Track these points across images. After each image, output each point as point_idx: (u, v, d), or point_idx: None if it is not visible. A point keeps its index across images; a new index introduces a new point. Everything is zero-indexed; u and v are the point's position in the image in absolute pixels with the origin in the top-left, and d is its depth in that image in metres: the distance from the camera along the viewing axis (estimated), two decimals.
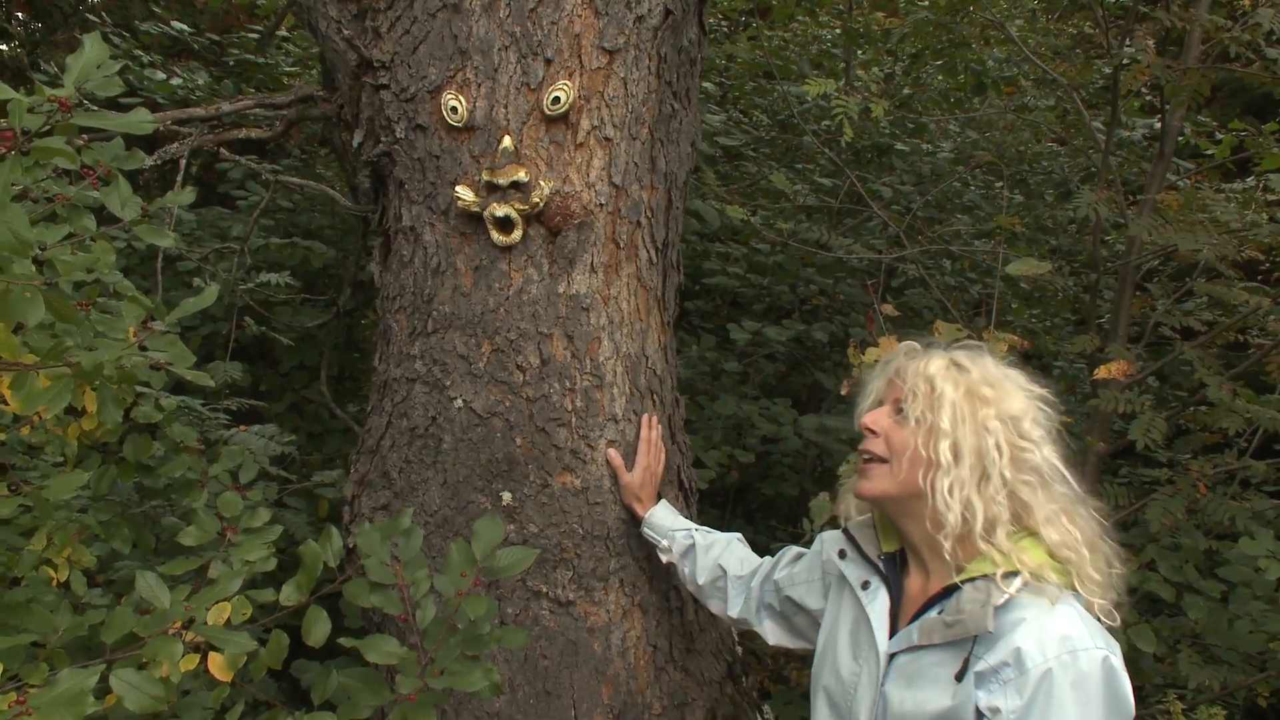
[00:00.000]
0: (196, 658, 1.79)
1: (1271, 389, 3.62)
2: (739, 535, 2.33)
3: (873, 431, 1.80)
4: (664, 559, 2.34)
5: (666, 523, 2.34)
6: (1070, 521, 1.68)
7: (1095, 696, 1.54)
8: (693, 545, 2.28)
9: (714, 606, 2.28)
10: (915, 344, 1.86)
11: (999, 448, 1.68)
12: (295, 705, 1.88)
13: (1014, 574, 1.63)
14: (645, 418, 2.42)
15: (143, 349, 1.55)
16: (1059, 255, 5.17)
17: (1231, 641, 2.98)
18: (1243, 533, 2.94)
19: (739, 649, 2.75)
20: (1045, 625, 1.57)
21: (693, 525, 2.34)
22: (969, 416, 1.70)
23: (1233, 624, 2.99)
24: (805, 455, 4.27)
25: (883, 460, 1.79)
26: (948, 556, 1.71)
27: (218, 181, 5.40)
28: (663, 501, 2.39)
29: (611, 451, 2.36)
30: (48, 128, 1.21)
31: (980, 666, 1.59)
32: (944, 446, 1.70)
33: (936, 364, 1.76)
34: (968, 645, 1.63)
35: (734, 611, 2.22)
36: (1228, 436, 4.17)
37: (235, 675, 1.85)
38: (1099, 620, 1.64)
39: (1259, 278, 4.60)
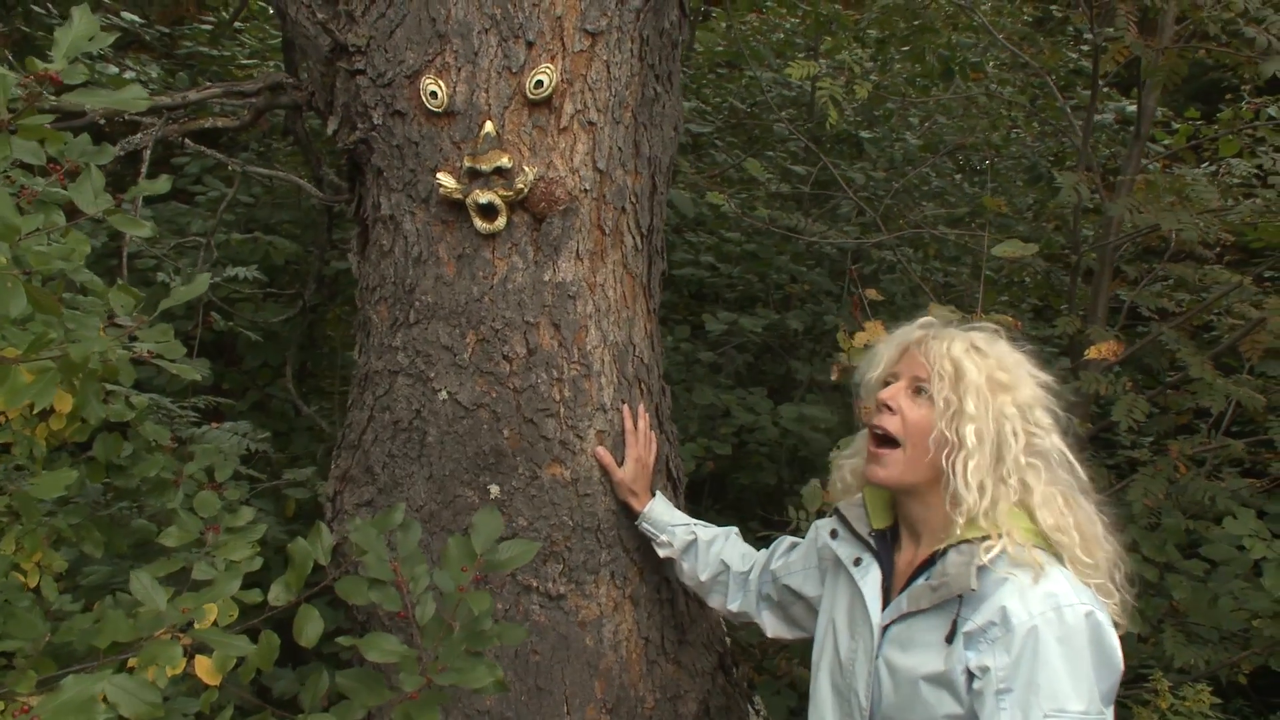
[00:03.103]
0: (183, 661, 1.73)
1: (1234, 370, 3.66)
2: (735, 529, 2.32)
3: (889, 408, 1.78)
4: (662, 553, 2.31)
5: (665, 518, 2.31)
6: (1066, 505, 1.71)
7: (1082, 651, 1.56)
8: (694, 541, 2.27)
9: (714, 601, 2.28)
10: (935, 320, 1.85)
11: (1015, 433, 1.71)
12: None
13: (999, 540, 1.66)
14: (627, 409, 2.37)
15: (132, 339, 1.49)
16: (1025, 240, 5.19)
17: (1214, 620, 3.00)
18: (1222, 512, 2.95)
19: (728, 640, 2.72)
20: (1030, 584, 1.60)
21: (691, 520, 2.33)
22: (989, 401, 1.72)
23: (1215, 602, 3.01)
24: (782, 444, 4.26)
25: (894, 443, 1.78)
26: (959, 531, 1.72)
27: (174, 176, 5.27)
28: (659, 495, 2.35)
29: (600, 450, 2.31)
30: (27, 107, 1.15)
31: (968, 627, 1.62)
32: (969, 430, 1.71)
33: (959, 346, 1.76)
34: (955, 607, 1.66)
35: (734, 606, 2.24)
36: (1194, 417, 4.22)
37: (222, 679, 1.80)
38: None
39: (1225, 261, 4.65)
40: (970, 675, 1.60)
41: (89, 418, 1.62)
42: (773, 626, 2.21)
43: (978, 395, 1.71)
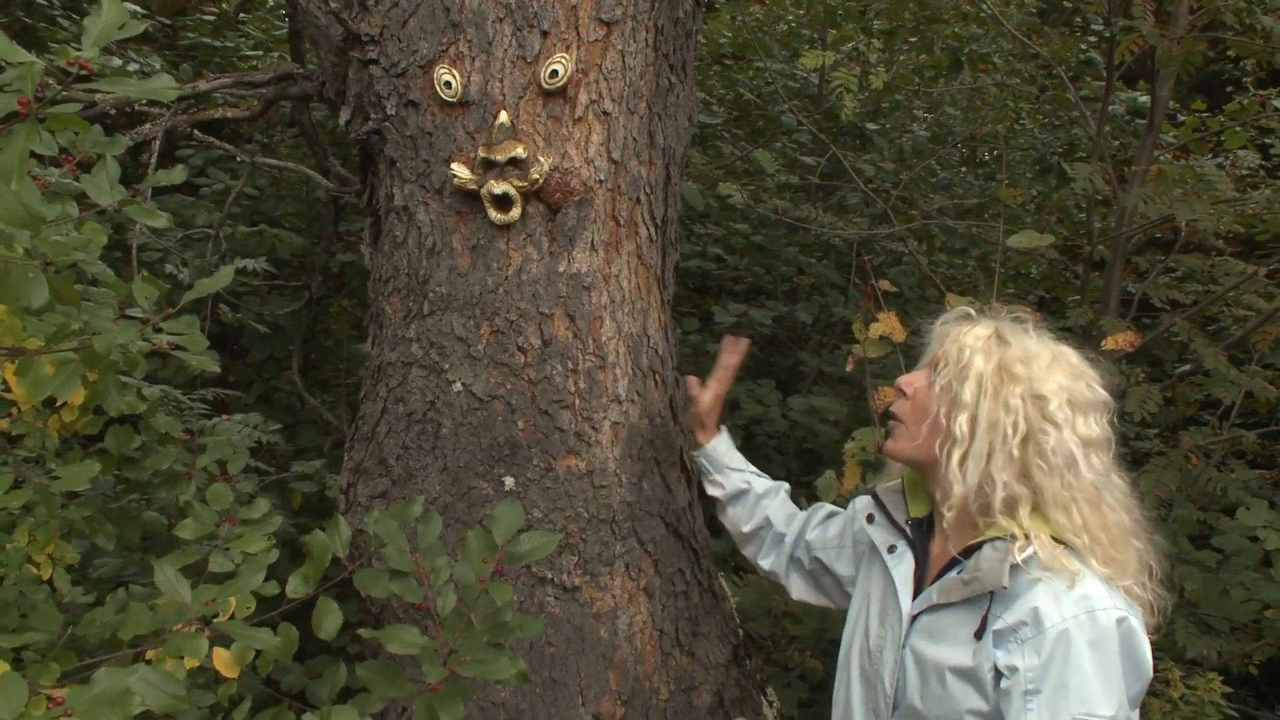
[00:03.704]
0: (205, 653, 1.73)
1: (1243, 362, 3.65)
2: (786, 486, 2.33)
3: (903, 392, 1.80)
4: (711, 491, 2.33)
5: (724, 459, 2.32)
6: (1080, 508, 1.65)
7: (1113, 656, 1.54)
8: (747, 490, 2.28)
9: (748, 552, 2.31)
10: (969, 310, 1.83)
11: (1015, 427, 1.66)
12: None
13: (1030, 542, 1.63)
14: (729, 339, 2.39)
15: (157, 330, 1.48)
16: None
17: (1226, 611, 3.00)
18: (1235, 503, 2.95)
19: (740, 631, 2.72)
20: (1065, 587, 1.58)
21: (748, 467, 2.34)
22: (993, 392, 1.68)
23: (1227, 593, 3.00)
24: (791, 436, 4.25)
25: (903, 421, 1.81)
26: (946, 527, 1.74)
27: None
28: (724, 433, 2.36)
29: (692, 378, 2.36)
30: (59, 95, 1.14)
31: (998, 625, 1.60)
32: (961, 419, 1.69)
33: (976, 333, 1.74)
34: (985, 603, 1.64)
35: (765, 563, 2.26)
36: (1202, 408, 4.22)
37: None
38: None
39: (1228, 252, 4.64)
40: (998, 673, 1.59)
41: (109, 409, 1.61)
42: (799, 590, 2.23)
43: (979, 384, 1.68)
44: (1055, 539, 1.63)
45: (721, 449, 2.33)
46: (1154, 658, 1.63)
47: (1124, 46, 3.11)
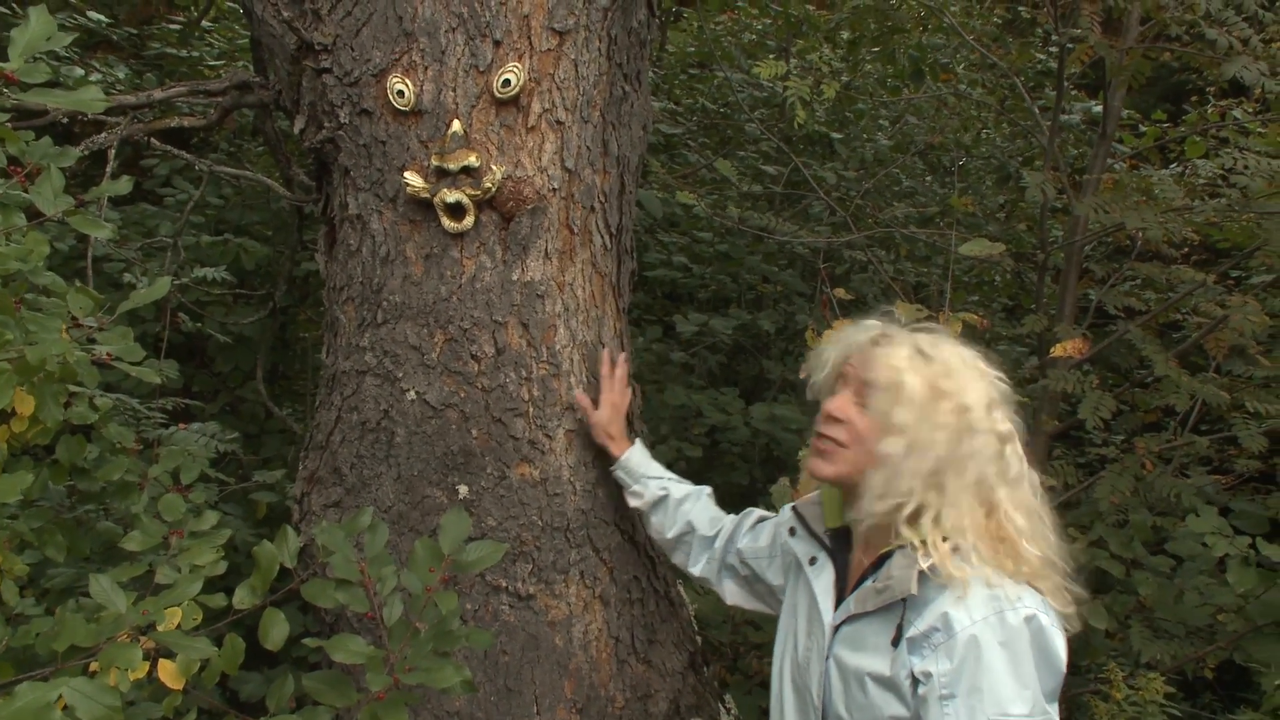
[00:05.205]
0: (146, 665, 1.72)
1: (1202, 368, 3.69)
2: (709, 490, 2.33)
3: (836, 419, 1.78)
4: (632, 503, 2.32)
5: (640, 469, 2.31)
6: (973, 508, 1.66)
7: (1024, 654, 1.56)
8: (665, 497, 2.28)
9: (676, 559, 2.31)
10: (876, 323, 1.83)
11: (946, 443, 1.66)
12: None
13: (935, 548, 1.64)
14: (605, 353, 2.38)
15: (91, 341, 1.47)
16: (994, 240, 5.23)
17: (1180, 615, 3.03)
18: (1187, 509, 2.98)
19: (699, 638, 2.72)
20: (972, 589, 1.59)
21: (666, 474, 2.33)
22: (928, 411, 1.68)
23: (1181, 597, 3.03)
24: (754, 444, 4.26)
25: (843, 445, 1.78)
26: (856, 538, 1.78)
27: (143, 177, 5.23)
28: (638, 443, 2.35)
29: (579, 393, 2.32)
30: None
31: (912, 632, 1.62)
32: (896, 441, 1.69)
33: (902, 353, 1.73)
34: (900, 610, 1.65)
35: (696, 570, 2.25)
36: (1163, 415, 4.25)
37: (187, 683, 1.78)
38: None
39: (1192, 260, 4.69)
40: (915, 680, 1.60)
41: (46, 420, 1.60)
42: (733, 595, 2.23)
43: (914, 406, 1.68)
44: (947, 540, 1.64)
45: (636, 458, 2.32)
46: (1103, 660, 1.64)
47: (1075, 56, 3.14)
